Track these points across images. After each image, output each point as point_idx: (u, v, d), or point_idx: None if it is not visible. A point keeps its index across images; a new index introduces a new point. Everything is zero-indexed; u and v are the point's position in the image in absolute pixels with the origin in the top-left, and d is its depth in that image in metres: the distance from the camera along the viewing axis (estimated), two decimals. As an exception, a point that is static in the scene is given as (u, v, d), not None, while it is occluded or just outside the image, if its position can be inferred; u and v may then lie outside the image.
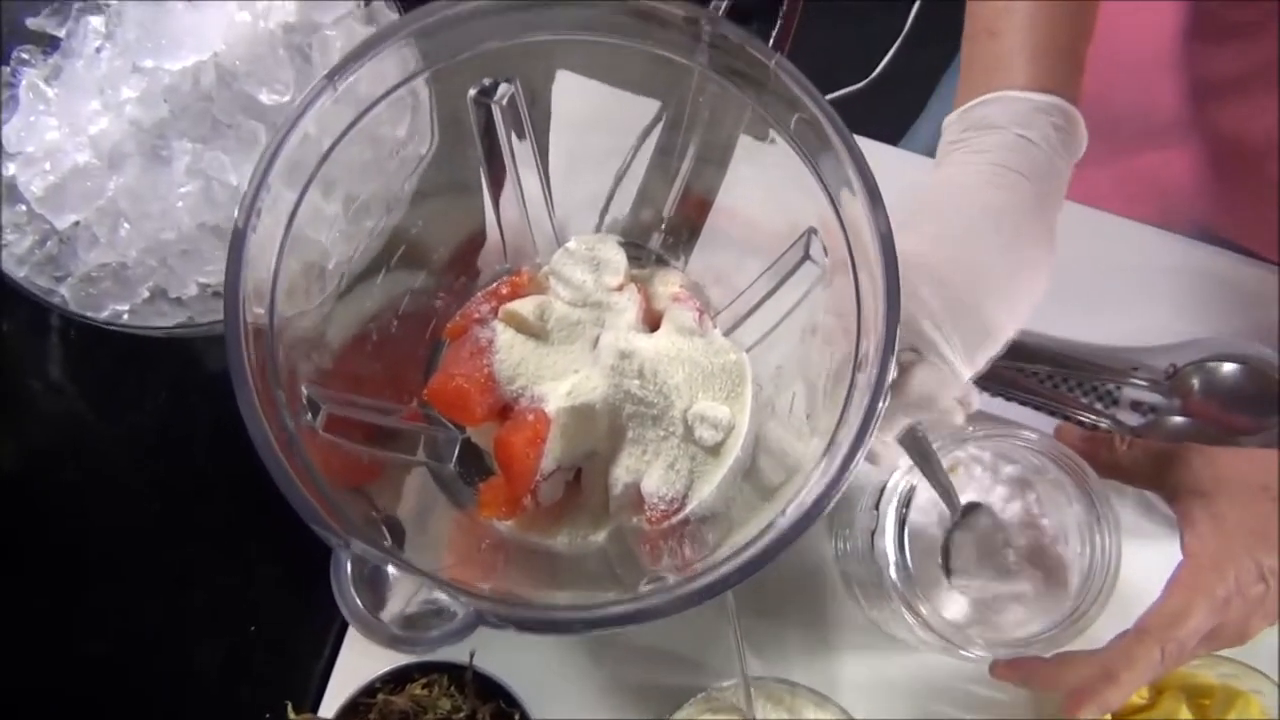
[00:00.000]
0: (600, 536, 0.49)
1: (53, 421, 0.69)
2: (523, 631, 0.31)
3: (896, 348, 0.35)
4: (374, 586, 0.31)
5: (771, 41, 0.38)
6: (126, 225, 0.59)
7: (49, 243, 0.60)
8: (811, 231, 0.42)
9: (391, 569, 0.31)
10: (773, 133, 0.40)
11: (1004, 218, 0.51)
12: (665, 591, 0.34)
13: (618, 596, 0.34)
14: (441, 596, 0.31)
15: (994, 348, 0.51)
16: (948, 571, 0.60)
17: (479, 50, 0.40)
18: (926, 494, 0.61)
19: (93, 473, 0.68)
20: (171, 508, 0.67)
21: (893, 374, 0.34)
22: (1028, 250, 0.52)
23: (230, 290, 0.35)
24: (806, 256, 0.42)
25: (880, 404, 0.34)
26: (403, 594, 0.31)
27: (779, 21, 0.38)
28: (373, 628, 0.30)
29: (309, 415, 0.38)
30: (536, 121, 0.47)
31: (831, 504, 0.34)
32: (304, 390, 0.38)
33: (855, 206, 0.38)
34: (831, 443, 0.36)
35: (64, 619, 0.65)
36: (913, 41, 1.47)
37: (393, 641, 0.30)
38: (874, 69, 1.46)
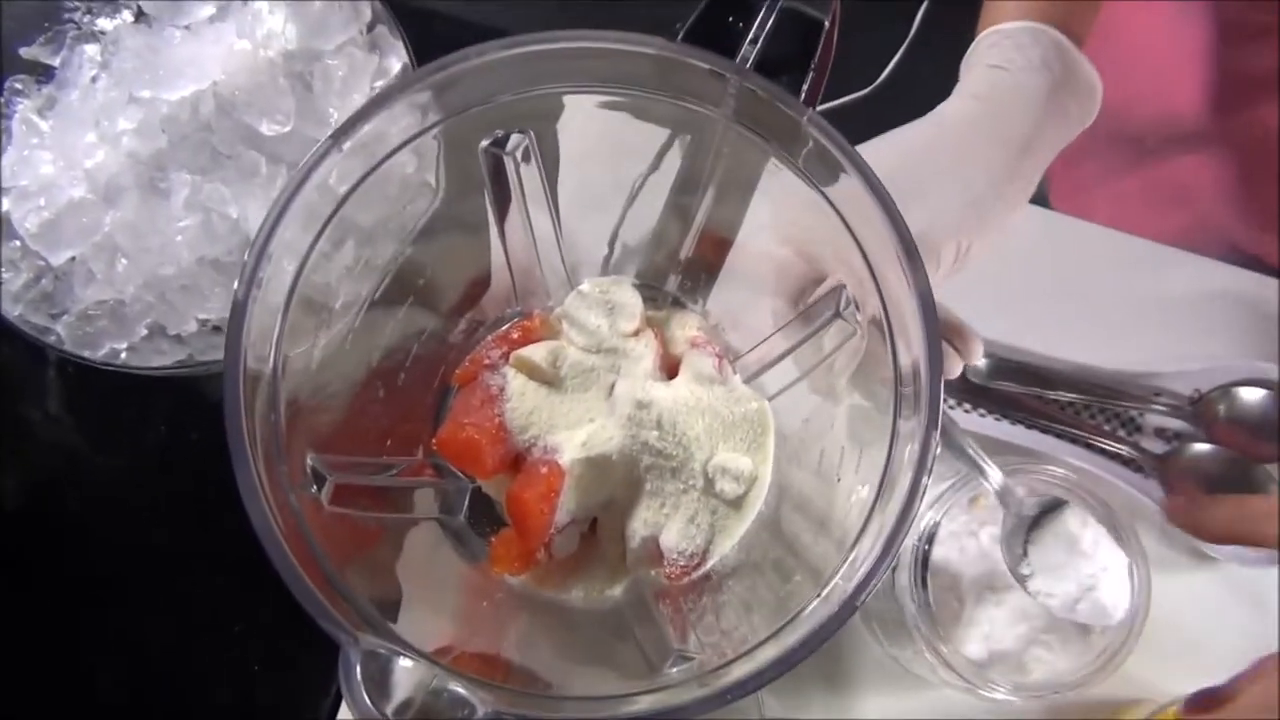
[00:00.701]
0: (617, 590, 0.47)
1: (52, 452, 0.68)
2: (545, 734, 0.29)
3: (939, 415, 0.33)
4: (381, 679, 0.29)
5: (803, 95, 0.36)
6: (124, 260, 0.57)
7: (44, 280, 0.58)
8: (841, 287, 0.40)
9: (404, 661, 0.30)
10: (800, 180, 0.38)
11: (945, 132, 0.52)
12: (695, 686, 0.32)
13: (645, 687, 0.32)
14: (458, 689, 0.29)
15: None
16: (1020, 577, 0.56)
17: (492, 104, 0.38)
18: (948, 528, 0.59)
19: (93, 501, 0.67)
20: (174, 535, 0.66)
21: (936, 447, 0.32)
22: (965, 163, 0.51)
23: (231, 361, 0.33)
24: (837, 314, 0.40)
25: (924, 480, 0.32)
26: (409, 683, 0.30)
27: (810, 74, 0.36)
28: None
29: (314, 488, 0.36)
30: (546, 154, 0.45)
31: (871, 592, 0.32)
32: (309, 461, 0.36)
33: (890, 267, 0.36)
34: (861, 533, 0.34)
35: (70, 644, 0.64)
36: (918, 47, 1.45)
37: (407, 748, 0.28)
38: (878, 75, 1.45)
